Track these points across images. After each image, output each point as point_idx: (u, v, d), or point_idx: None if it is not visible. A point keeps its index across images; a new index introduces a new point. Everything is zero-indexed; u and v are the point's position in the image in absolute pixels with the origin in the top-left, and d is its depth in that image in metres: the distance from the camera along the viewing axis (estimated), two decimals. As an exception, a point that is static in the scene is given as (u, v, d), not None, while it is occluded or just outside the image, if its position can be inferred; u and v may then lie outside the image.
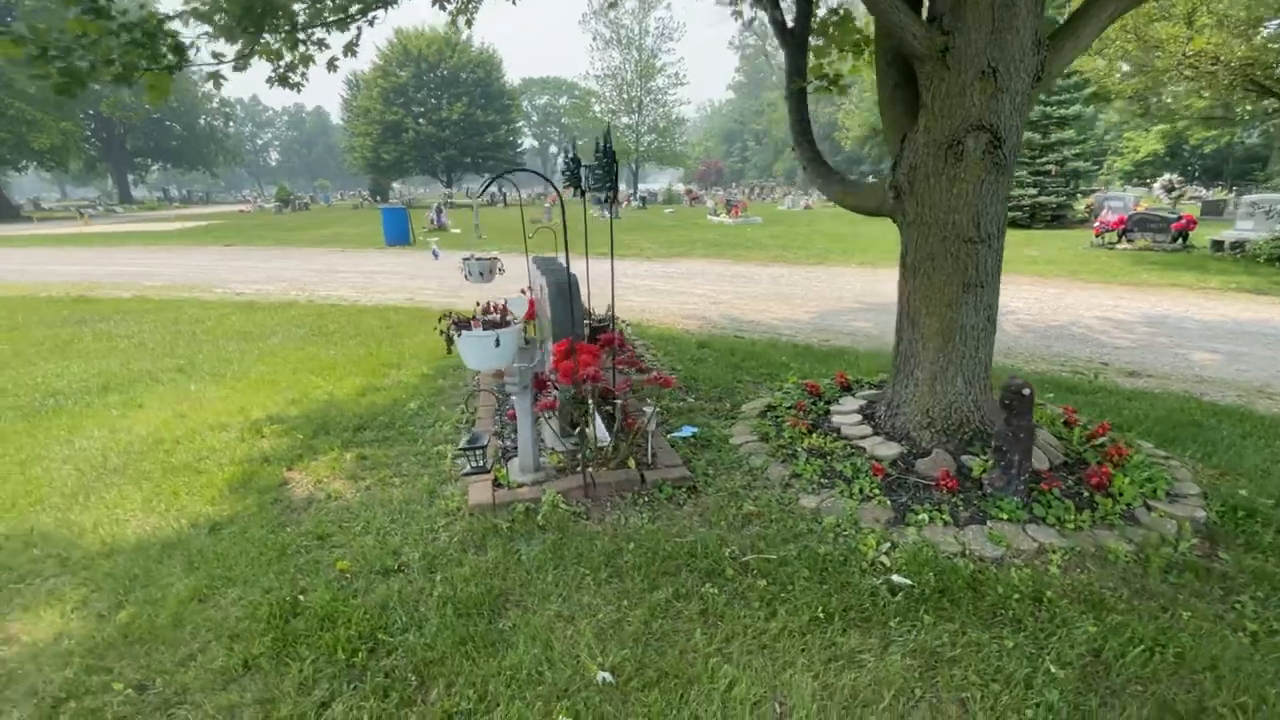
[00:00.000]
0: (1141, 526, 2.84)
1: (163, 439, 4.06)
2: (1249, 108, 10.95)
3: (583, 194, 3.92)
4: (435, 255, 13.66)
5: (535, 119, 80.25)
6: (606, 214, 28.44)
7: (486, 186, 3.51)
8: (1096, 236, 14.55)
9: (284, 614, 2.39)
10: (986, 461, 3.16)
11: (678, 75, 45.28)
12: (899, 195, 3.52)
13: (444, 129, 42.11)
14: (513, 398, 3.57)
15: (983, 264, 3.34)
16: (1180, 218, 13.49)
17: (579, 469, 3.46)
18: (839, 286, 10.26)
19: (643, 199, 35.19)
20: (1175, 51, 10.29)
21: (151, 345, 6.55)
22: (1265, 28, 9.41)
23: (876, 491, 3.07)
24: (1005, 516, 2.84)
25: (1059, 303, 8.71)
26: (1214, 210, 21.44)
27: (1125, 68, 13.52)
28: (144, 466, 3.70)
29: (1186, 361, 5.91)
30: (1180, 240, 13.36)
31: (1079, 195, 19.87)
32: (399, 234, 17.30)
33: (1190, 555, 2.68)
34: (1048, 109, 18.32)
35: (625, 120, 45.13)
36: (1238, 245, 12.07)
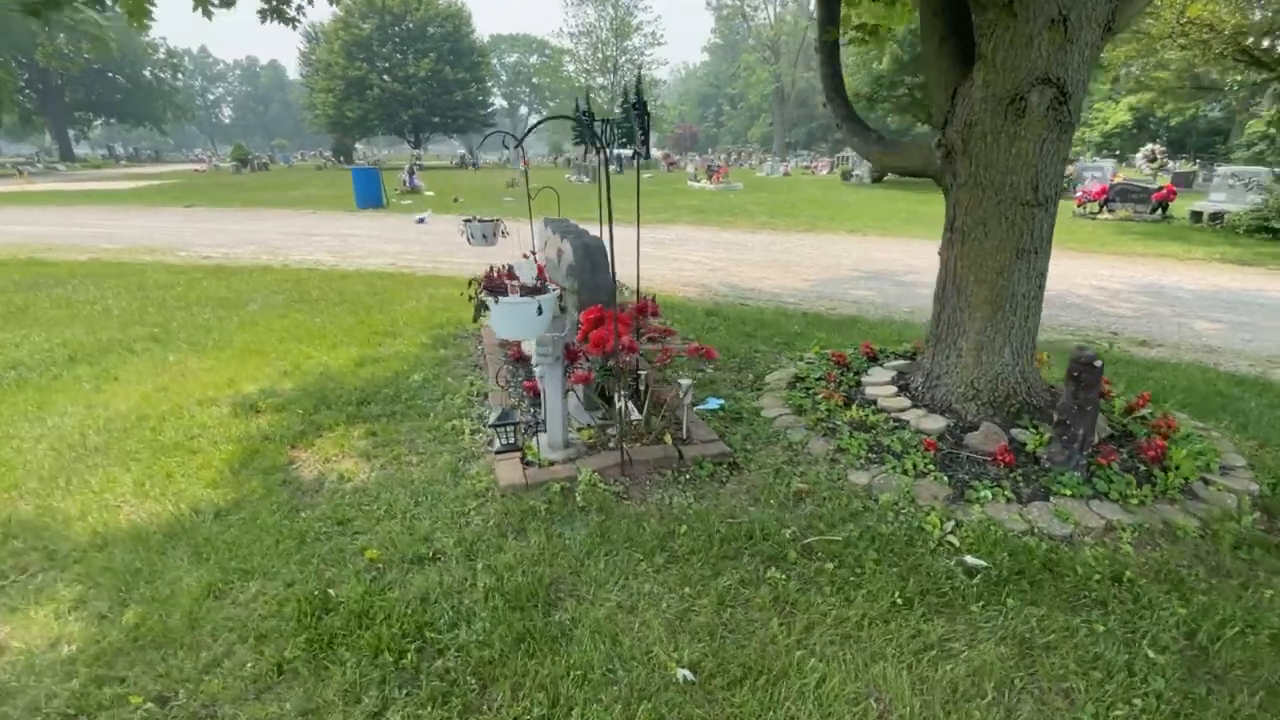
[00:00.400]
0: (1202, 501, 2.78)
1: (146, 415, 3.72)
2: (1238, 78, 11.03)
3: (598, 151, 3.64)
4: (422, 220, 13.14)
5: (505, 78, 77.48)
6: (585, 179, 27.70)
7: (524, 136, 3.19)
8: (1079, 206, 14.67)
9: (315, 610, 2.16)
10: (1040, 435, 3.05)
11: (654, 35, 44.06)
12: (949, 155, 3.32)
13: (411, 86, 40.29)
14: (539, 370, 3.33)
15: (1038, 229, 3.19)
16: (1161, 188, 13.66)
17: (611, 445, 3.26)
18: (833, 254, 10.12)
19: (620, 164, 34.40)
20: (1170, 19, 10.23)
21: (118, 312, 6.06)
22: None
23: (930, 467, 2.95)
24: (1069, 492, 2.74)
25: (1053, 272, 8.66)
26: (1183, 182, 21.85)
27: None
28: (129, 446, 3.37)
29: (1191, 331, 5.94)
30: (1160, 211, 13.55)
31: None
32: (371, 196, 16.53)
33: (1254, 530, 2.62)
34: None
35: (600, 81, 43.88)
36: (1217, 216, 12.28)
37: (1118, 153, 34.58)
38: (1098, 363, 2.67)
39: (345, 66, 39.82)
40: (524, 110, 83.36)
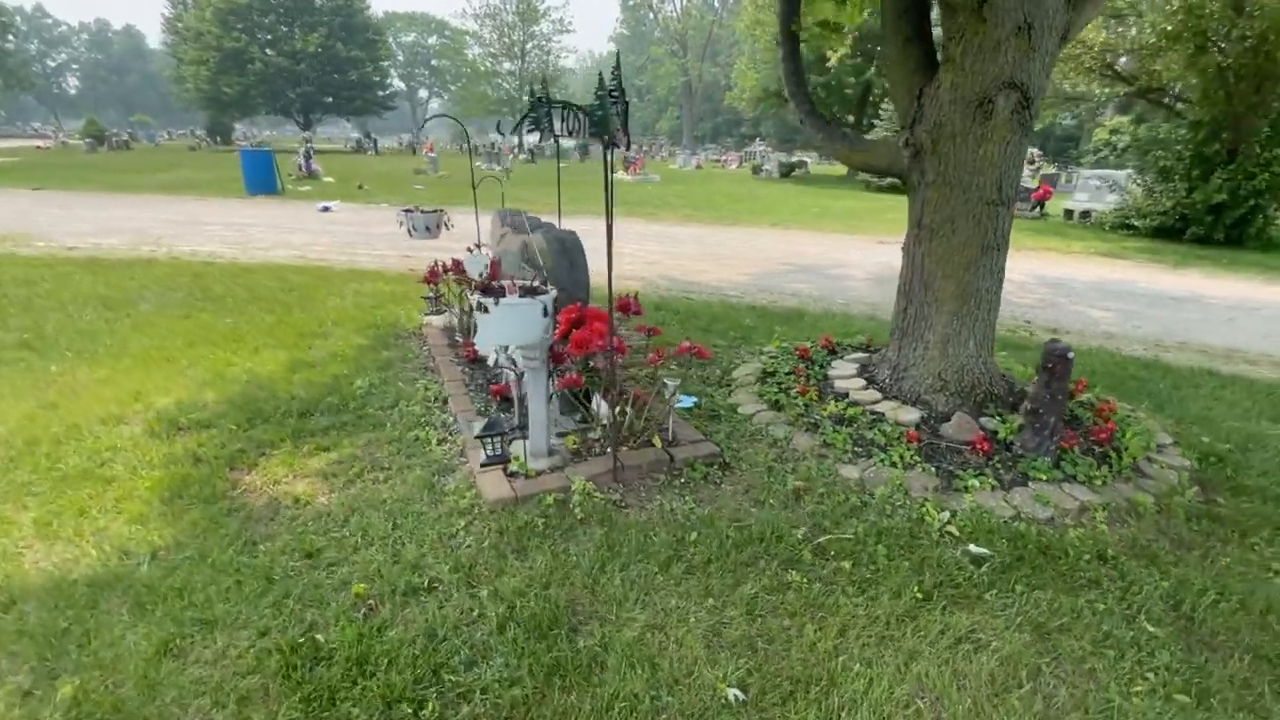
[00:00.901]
0: (1150, 478, 3.04)
1: (36, 439, 3.14)
2: (1106, 90, 12.40)
3: (556, 139, 3.49)
4: (326, 208, 12.19)
5: (401, 59, 73.30)
6: (497, 166, 26.80)
7: (520, 122, 2.93)
8: (970, 203, 15.91)
9: (304, 661, 1.88)
10: (1007, 423, 3.22)
11: (562, 21, 43.20)
12: (918, 154, 3.42)
13: (299, 62, 37.19)
14: (518, 374, 3.12)
15: (1001, 226, 3.35)
16: (1039, 188, 15.07)
17: (597, 450, 3.12)
18: (762, 248, 10.36)
19: (531, 152, 33.56)
20: (1050, 33, 11.24)
21: (-30, 315, 5.12)
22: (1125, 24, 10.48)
23: (917, 458, 3.03)
24: (1043, 477, 2.91)
25: (962, 264, 9.37)
26: (1049, 182, 24.35)
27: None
28: (20, 477, 2.83)
29: (1090, 319, 6.57)
30: (1039, 208, 14.95)
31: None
32: (264, 181, 15.09)
33: (1197, 503, 2.90)
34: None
35: (507, 66, 42.55)
36: (1086, 214, 13.72)
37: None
38: (1070, 355, 2.84)
39: (220, 36, 36.11)
40: (423, 94, 79.44)
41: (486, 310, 2.32)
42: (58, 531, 2.47)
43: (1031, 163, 22.51)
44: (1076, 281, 8.37)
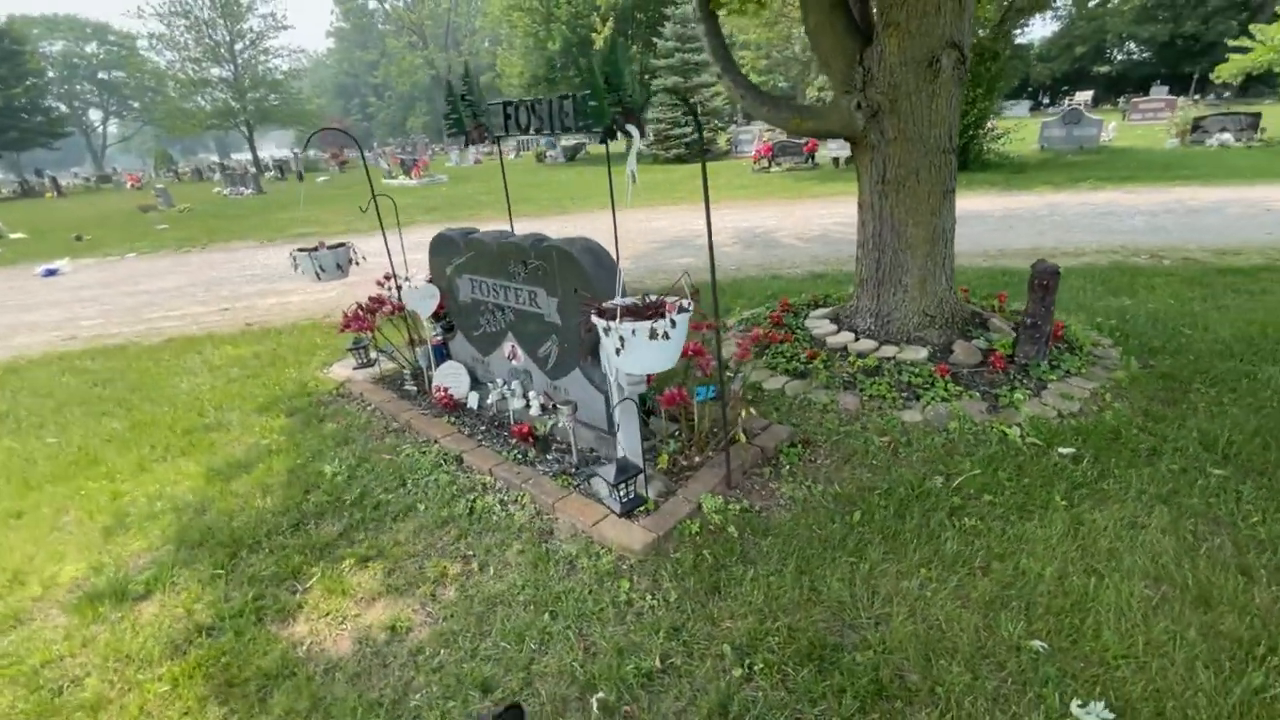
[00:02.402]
0: (1106, 359, 3.71)
1: (-103, 692, 2.01)
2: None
3: (497, 141, 3.19)
4: (53, 272, 9.46)
5: (53, 75, 58.33)
6: (244, 190, 22.92)
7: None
8: (755, 163, 17.58)
9: (622, 812, 1.51)
10: (995, 341, 3.68)
11: (275, 17, 37.88)
12: (876, 114, 3.66)
13: (-100, 89, 27.60)
14: (565, 404, 2.77)
15: (953, 171, 3.75)
16: (807, 143, 17.17)
17: (682, 464, 2.91)
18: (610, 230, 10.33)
19: (280, 168, 29.28)
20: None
21: None
22: None
23: (959, 389, 3.33)
24: (1052, 378, 3.39)
25: (793, 217, 10.38)
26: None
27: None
28: (-76, 757, 1.80)
29: (925, 244, 7.71)
30: (810, 160, 17.07)
31: (719, 130, 23.57)
32: (-74, 252, 11.09)
33: (1145, 371, 3.61)
34: (687, 55, 20.98)
35: (216, 72, 36.24)
36: (849, 160, 16.00)
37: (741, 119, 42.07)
38: (1059, 271, 3.32)
39: None
40: (97, 115, 64.42)
41: (667, 336, 1.98)
42: (81, 807, 1.63)
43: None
44: (889, 216, 9.75)
